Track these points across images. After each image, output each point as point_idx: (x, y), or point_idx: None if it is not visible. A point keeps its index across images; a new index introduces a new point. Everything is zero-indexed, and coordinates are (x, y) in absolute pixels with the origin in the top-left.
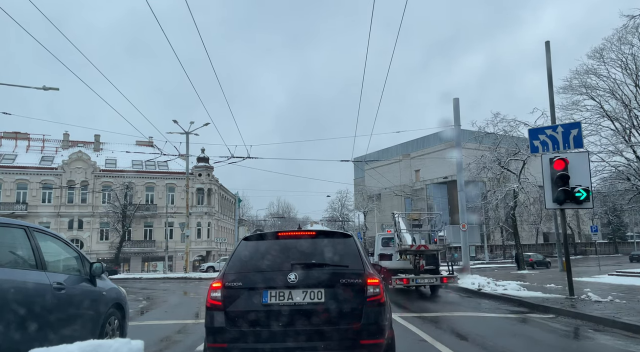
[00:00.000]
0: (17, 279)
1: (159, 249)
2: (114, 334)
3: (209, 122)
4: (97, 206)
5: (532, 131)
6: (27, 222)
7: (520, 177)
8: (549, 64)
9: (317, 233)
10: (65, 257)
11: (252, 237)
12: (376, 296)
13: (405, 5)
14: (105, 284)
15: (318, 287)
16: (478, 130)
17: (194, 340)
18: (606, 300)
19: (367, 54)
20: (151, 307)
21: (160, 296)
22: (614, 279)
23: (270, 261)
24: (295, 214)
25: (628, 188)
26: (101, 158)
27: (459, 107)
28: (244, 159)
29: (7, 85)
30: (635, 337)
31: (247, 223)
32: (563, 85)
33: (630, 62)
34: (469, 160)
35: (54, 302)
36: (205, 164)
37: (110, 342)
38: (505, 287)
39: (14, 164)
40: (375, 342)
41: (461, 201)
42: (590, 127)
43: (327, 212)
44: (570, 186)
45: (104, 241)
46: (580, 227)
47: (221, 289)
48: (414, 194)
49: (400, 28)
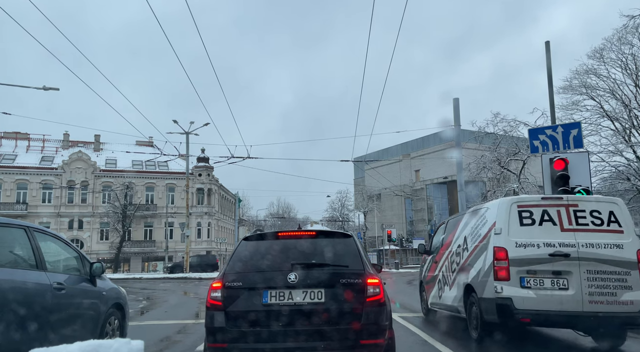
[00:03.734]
0: (17, 279)
1: (159, 249)
2: (114, 334)
3: (208, 122)
4: (97, 206)
5: (532, 131)
6: (27, 222)
7: (520, 177)
8: (549, 64)
9: (317, 233)
10: (65, 257)
11: (252, 237)
12: (376, 296)
13: (405, 5)
14: (106, 284)
15: (318, 287)
16: (478, 131)
17: (194, 340)
18: None
19: (367, 54)
20: (151, 307)
21: (160, 296)
22: None
23: (270, 261)
24: (295, 214)
25: (628, 188)
26: (101, 158)
27: (459, 107)
28: (244, 159)
29: (7, 85)
30: (635, 337)
31: (247, 223)
32: (563, 85)
33: (630, 62)
34: (469, 160)
35: (54, 302)
36: (205, 164)
37: (111, 342)
38: None
39: (14, 164)
40: (375, 342)
41: (461, 201)
42: (590, 127)
43: (327, 212)
44: (570, 186)
45: (104, 241)
46: None
47: (221, 289)
48: (414, 194)
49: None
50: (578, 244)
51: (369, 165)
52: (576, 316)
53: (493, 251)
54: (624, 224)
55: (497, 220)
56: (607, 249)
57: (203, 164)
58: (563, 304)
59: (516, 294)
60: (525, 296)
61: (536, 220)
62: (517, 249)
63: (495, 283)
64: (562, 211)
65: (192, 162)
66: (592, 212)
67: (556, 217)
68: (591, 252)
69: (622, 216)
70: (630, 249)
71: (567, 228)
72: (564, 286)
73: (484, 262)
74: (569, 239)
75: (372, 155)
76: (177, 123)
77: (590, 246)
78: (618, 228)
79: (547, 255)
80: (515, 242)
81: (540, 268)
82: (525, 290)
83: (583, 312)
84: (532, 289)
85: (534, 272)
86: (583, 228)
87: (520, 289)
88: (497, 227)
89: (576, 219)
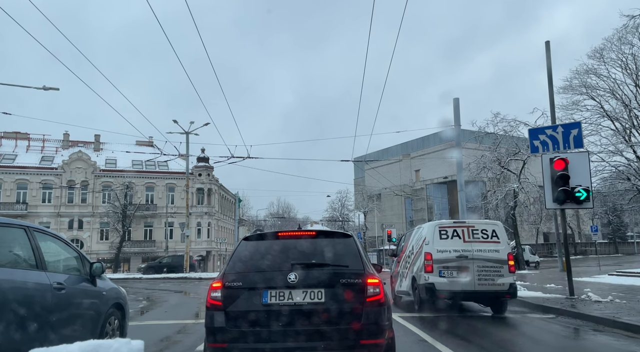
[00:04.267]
0: (17, 279)
1: (159, 249)
2: (114, 334)
3: (208, 122)
4: (97, 206)
5: (532, 131)
6: (27, 222)
7: (520, 177)
8: (549, 64)
9: (317, 233)
10: (65, 257)
11: (252, 237)
12: (376, 296)
13: (405, 6)
14: (106, 284)
15: (318, 287)
16: (478, 131)
17: (194, 340)
18: (606, 300)
19: (367, 54)
20: (151, 307)
21: (160, 296)
22: (614, 279)
23: (270, 261)
24: (295, 214)
25: (628, 188)
26: (101, 158)
27: (459, 107)
28: (244, 159)
29: (7, 85)
30: (635, 337)
31: (247, 223)
32: (563, 85)
33: (630, 62)
34: (469, 160)
35: (54, 302)
36: (205, 164)
37: (111, 342)
38: None
39: (14, 164)
40: (375, 342)
41: (461, 201)
42: (591, 127)
43: (327, 212)
44: (571, 186)
45: (104, 241)
46: (580, 227)
47: (221, 289)
48: (414, 194)
49: (401, 29)
50: (473, 249)
51: (369, 165)
52: (471, 293)
53: (424, 255)
54: (501, 237)
55: (426, 236)
56: (489, 253)
57: (203, 164)
58: (463, 286)
59: (436, 281)
60: (441, 282)
61: (449, 236)
62: (437, 253)
63: (425, 274)
64: (465, 230)
65: (192, 162)
66: (482, 230)
67: (461, 234)
68: (480, 254)
69: (500, 232)
70: (503, 253)
71: (467, 240)
72: (464, 274)
73: (420, 262)
74: (468, 247)
75: (372, 155)
76: (177, 123)
77: (480, 251)
78: (497, 240)
79: (455, 257)
80: (437, 249)
81: (450, 265)
82: (442, 278)
83: (475, 290)
84: (446, 277)
85: (447, 267)
86: (476, 240)
87: (438, 278)
88: (427, 240)
89: (472, 235)
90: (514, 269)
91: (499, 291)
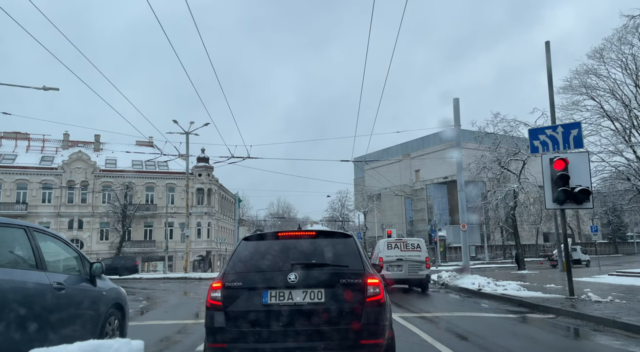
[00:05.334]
0: (17, 279)
1: (159, 249)
2: (114, 334)
3: (208, 123)
4: (97, 206)
5: (532, 131)
6: (27, 222)
7: (520, 177)
8: (549, 64)
9: (317, 233)
10: (65, 257)
11: (252, 237)
12: (376, 296)
13: (405, 6)
14: (105, 284)
15: (318, 287)
16: (478, 131)
17: (194, 340)
18: (606, 300)
19: (367, 54)
20: (151, 307)
21: (160, 296)
22: (614, 279)
23: (270, 261)
24: (295, 214)
25: (628, 188)
26: (101, 158)
27: (459, 107)
28: (244, 159)
29: (7, 85)
30: (635, 337)
31: (247, 223)
32: (563, 86)
33: (630, 62)
34: (469, 160)
35: (54, 302)
36: (205, 164)
37: (111, 342)
38: (505, 287)
39: (14, 164)
40: (375, 342)
41: (461, 201)
42: (590, 127)
43: (327, 212)
44: (571, 186)
45: (104, 241)
46: (580, 227)
47: (221, 289)
48: (414, 194)
49: (402, 29)
50: (406, 255)
51: (369, 165)
52: (405, 279)
53: (378, 259)
54: (422, 248)
55: (381, 248)
56: (415, 257)
57: (203, 164)
58: (400, 275)
59: (385, 273)
60: (388, 273)
61: (392, 247)
62: (386, 257)
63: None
64: (401, 243)
65: (192, 162)
66: (411, 244)
67: (400, 246)
68: (410, 258)
69: (422, 245)
70: (423, 257)
71: (403, 249)
72: (400, 269)
73: (376, 262)
74: (403, 254)
75: (372, 155)
76: (177, 123)
77: (410, 256)
78: (419, 249)
79: (395, 259)
80: (386, 255)
81: (393, 264)
82: (388, 271)
83: (407, 278)
84: (390, 271)
85: (390, 265)
86: (408, 249)
87: (387, 271)
88: (380, 249)
89: (406, 247)
90: (429, 266)
91: (420, 279)
